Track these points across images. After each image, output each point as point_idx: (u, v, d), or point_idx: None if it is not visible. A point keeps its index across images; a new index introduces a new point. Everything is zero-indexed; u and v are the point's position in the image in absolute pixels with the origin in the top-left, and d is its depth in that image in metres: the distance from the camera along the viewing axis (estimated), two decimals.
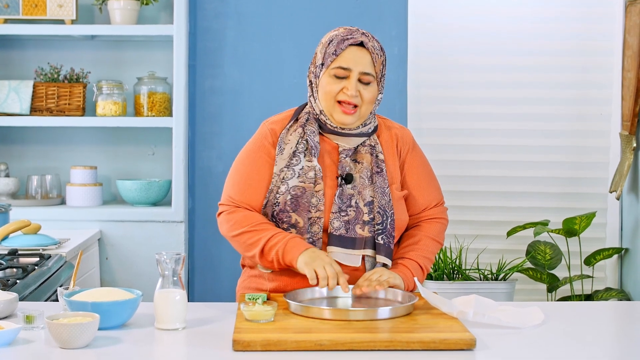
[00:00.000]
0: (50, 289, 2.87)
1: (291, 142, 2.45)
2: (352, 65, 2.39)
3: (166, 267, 2.11)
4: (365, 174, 2.44)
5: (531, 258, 3.90)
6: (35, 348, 1.95)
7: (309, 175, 2.41)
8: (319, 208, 2.40)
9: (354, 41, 2.40)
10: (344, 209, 2.41)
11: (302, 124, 2.47)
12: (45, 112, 4.02)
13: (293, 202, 2.39)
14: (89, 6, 4.14)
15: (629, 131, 3.79)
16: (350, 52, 2.40)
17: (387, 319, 2.09)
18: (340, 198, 2.41)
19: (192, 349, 1.99)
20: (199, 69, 4.17)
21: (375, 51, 2.42)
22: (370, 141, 2.49)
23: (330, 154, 2.47)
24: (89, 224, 3.93)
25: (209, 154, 4.19)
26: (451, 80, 4.16)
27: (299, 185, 2.40)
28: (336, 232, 2.40)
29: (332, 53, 2.40)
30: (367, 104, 2.42)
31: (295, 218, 2.39)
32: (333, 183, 2.44)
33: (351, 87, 2.38)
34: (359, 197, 2.42)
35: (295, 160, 2.43)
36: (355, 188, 2.43)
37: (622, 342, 2.14)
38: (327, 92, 2.41)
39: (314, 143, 2.44)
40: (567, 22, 4.12)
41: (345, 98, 2.39)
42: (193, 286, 4.19)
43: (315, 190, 2.40)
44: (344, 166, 2.44)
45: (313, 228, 2.39)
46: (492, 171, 4.17)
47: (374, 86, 2.42)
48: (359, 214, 2.41)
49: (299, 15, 4.14)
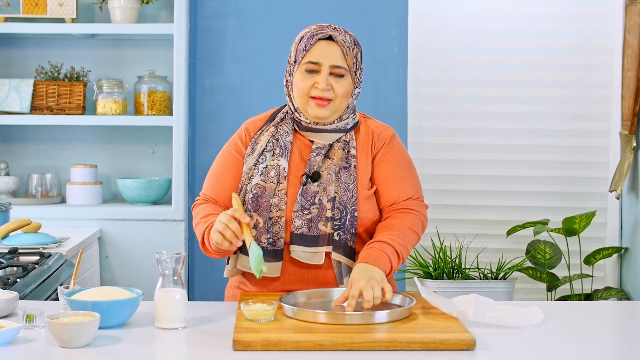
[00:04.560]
0: (50, 288, 2.87)
1: (262, 141, 2.47)
2: (321, 59, 2.40)
3: (166, 266, 2.11)
4: (333, 170, 2.42)
5: (531, 257, 3.90)
6: (36, 347, 1.95)
7: (270, 175, 2.41)
8: (280, 207, 2.39)
9: (323, 35, 2.41)
10: (306, 207, 2.38)
11: (275, 124, 2.49)
12: (45, 110, 4.02)
13: (254, 202, 2.39)
14: (89, 5, 4.14)
15: (629, 130, 3.79)
16: (319, 47, 2.41)
17: (384, 323, 2.08)
18: (302, 196, 2.39)
19: (192, 349, 1.99)
20: (199, 67, 4.17)
21: (346, 44, 2.41)
22: (346, 137, 2.46)
23: (302, 152, 2.46)
24: (89, 223, 3.93)
25: (209, 152, 4.18)
26: (451, 79, 4.16)
27: (260, 184, 2.40)
28: (298, 231, 2.37)
29: (302, 49, 2.42)
30: (341, 98, 2.41)
31: (257, 218, 2.38)
32: (298, 182, 2.42)
33: (322, 81, 2.38)
34: (323, 194, 2.39)
35: (261, 159, 2.44)
36: (321, 185, 2.40)
37: (622, 341, 2.14)
38: (299, 88, 2.42)
39: (284, 142, 2.45)
40: (568, 21, 4.13)
41: (317, 93, 2.40)
42: (193, 285, 4.19)
43: (277, 190, 2.40)
44: (312, 165, 2.42)
45: (274, 228, 2.38)
46: (492, 170, 4.17)
47: (347, 79, 2.41)
48: (322, 210, 2.38)
49: (298, 14, 4.14)
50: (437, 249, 3.96)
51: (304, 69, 2.41)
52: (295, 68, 2.44)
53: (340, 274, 2.38)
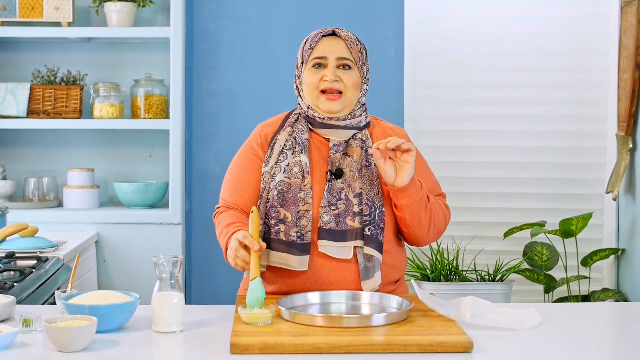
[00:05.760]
0: (47, 292, 2.87)
1: (280, 140, 2.50)
2: (327, 53, 2.48)
3: (164, 269, 2.11)
4: (355, 167, 2.46)
5: (528, 259, 3.90)
6: (33, 351, 1.95)
7: (294, 171, 2.44)
8: (306, 201, 2.41)
9: (326, 32, 2.50)
10: (333, 203, 2.42)
11: (291, 124, 2.53)
12: (42, 114, 4.02)
13: (280, 197, 2.41)
14: (85, 8, 4.14)
15: (625, 132, 3.79)
16: (324, 43, 2.50)
17: (381, 326, 2.08)
18: (329, 192, 2.42)
19: (189, 352, 1.99)
20: (195, 70, 4.17)
21: (350, 39, 2.50)
22: (362, 135, 2.51)
23: (320, 150, 2.50)
24: (86, 227, 3.93)
25: (206, 155, 4.19)
26: (448, 81, 4.16)
27: (285, 181, 2.43)
28: (326, 226, 2.40)
29: (308, 48, 2.50)
30: (351, 89, 2.47)
31: (284, 213, 2.40)
32: (322, 178, 2.46)
33: (330, 73, 2.46)
34: (348, 190, 2.43)
35: (282, 157, 2.48)
36: (345, 181, 2.44)
37: (619, 342, 2.14)
38: (309, 84, 2.48)
39: (301, 140, 2.48)
40: (563, 23, 4.13)
41: (326, 85, 2.46)
42: (190, 288, 4.19)
43: (302, 185, 2.42)
44: (334, 162, 2.47)
45: (301, 222, 2.40)
46: (489, 172, 4.17)
47: (354, 71, 2.49)
48: (349, 206, 2.42)
49: (295, 18, 4.14)
50: (434, 251, 3.96)
51: (311, 65, 2.48)
52: (303, 68, 2.50)
53: (365, 269, 2.40)
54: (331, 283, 2.40)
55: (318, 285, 2.40)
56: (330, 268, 2.41)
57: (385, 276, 2.46)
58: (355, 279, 2.41)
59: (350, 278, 2.41)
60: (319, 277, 2.41)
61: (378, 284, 2.40)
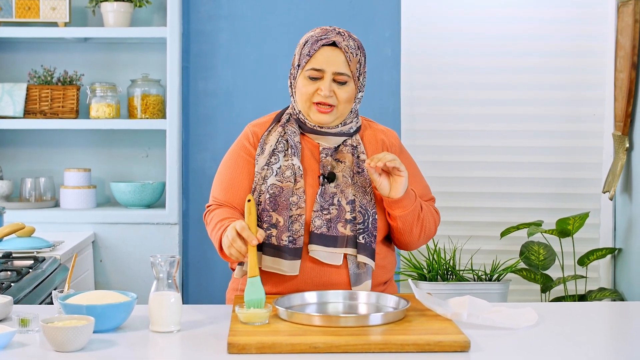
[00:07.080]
0: (44, 292, 2.87)
1: (271, 141, 2.47)
2: (324, 66, 2.41)
3: (161, 269, 2.11)
4: (347, 173, 2.44)
5: (525, 258, 3.91)
6: (30, 351, 1.95)
7: (286, 174, 2.42)
8: (299, 205, 2.40)
9: (327, 41, 2.41)
10: (326, 207, 2.40)
11: (282, 124, 2.49)
12: (38, 114, 4.01)
13: (272, 201, 2.39)
14: (82, 9, 4.14)
15: (622, 132, 3.80)
16: (323, 53, 2.41)
17: (378, 325, 2.09)
18: (322, 196, 2.41)
19: (186, 352, 1.99)
20: (192, 71, 4.17)
21: (350, 50, 2.42)
22: (352, 141, 2.49)
23: (312, 153, 2.48)
24: (82, 227, 3.93)
25: (203, 155, 4.19)
26: (444, 81, 4.17)
27: (277, 184, 2.41)
28: (317, 231, 2.39)
29: (306, 54, 2.42)
30: (344, 104, 2.44)
31: (276, 217, 2.38)
32: (314, 182, 2.44)
33: (325, 88, 2.40)
34: (341, 196, 2.42)
35: (274, 159, 2.45)
36: (338, 187, 2.43)
37: (616, 342, 2.14)
38: (302, 93, 2.44)
39: (293, 142, 2.45)
40: (560, 23, 4.14)
41: (320, 99, 2.41)
42: (187, 288, 4.19)
43: (295, 189, 2.41)
44: (326, 165, 2.45)
45: (294, 226, 2.38)
46: (486, 172, 4.18)
47: (350, 85, 2.43)
48: (341, 212, 2.40)
49: (291, 18, 4.14)
50: (431, 250, 3.96)
51: (307, 75, 2.42)
52: (298, 72, 2.45)
53: (355, 275, 2.40)
54: (322, 287, 2.39)
55: (308, 289, 2.39)
56: (321, 272, 2.40)
57: (375, 277, 2.45)
58: (346, 283, 2.41)
59: (341, 282, 2.40)
60: (309, 280, 2.40)
61: (369, 290, 2.40)
